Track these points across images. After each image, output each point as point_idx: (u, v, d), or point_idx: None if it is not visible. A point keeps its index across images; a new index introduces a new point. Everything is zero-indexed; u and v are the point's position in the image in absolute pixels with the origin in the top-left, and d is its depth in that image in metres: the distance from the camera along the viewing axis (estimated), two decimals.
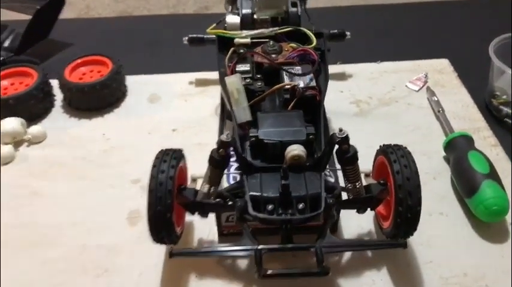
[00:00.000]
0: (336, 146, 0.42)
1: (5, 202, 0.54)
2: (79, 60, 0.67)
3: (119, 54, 0.71)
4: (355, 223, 0.50)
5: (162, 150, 0.45)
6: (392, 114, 0.63)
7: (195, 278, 0.46)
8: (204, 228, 0.50)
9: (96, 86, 0.63)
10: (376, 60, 0.72)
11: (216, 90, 0.66)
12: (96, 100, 0.65)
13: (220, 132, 0.57)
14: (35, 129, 0.62)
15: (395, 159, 0.43)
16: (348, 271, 0.46)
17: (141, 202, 0.52)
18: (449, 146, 0.55)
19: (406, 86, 0.67)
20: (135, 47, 0.80)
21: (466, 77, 0.69)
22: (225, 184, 0.47)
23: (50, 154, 0.60)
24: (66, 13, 1.00)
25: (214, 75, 0.61)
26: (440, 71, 0.70)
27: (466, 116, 0.62)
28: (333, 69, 0.66)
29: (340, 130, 0.41)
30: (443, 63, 0.71)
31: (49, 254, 0.49)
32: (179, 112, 0.65)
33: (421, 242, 0.48)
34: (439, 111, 0.62)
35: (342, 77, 0.70)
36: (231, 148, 0.43)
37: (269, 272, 0.39)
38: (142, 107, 0.66)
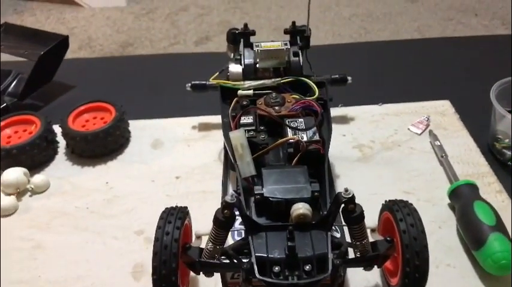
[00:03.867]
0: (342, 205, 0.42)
1: (8, 255, 0.54)
2: (82, 107, 0.68)
3: (121, 97, 0.72)
4: (362, 277, 0.50)
5: (166, 209, 0.45)
6: (396, 159, 0.63)
7: None
8: (209, 283, 0.49)
9: (99, 134, 0.63)
10: (378, 102, 0.72)
11: (219, 134, 0.66)
12: (100, 148, 0.65)
13: (225, 183, 0.57)
14: (38, 178, 0.61)
15: (401, 217, 0.43)
16: None
17: (145, 254, 0.52)
18: (454, 195, 0.55)
19: (409, 129, 0.68)
20: (137, 89, 0.81)
21: (468, 119, 0.69)
22: (230, 240, 0.47)
23: (53, 204, 0.60)
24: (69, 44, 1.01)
25: (217, 119, 0.61)
26: (442, 113, 0.70)
27: (470, 160, 0.63)
28: (334, 112, 0.68)
29: (346, 190, 0.41)
30: (445, 105, 0.72)
31: None
32: (182, 158, 0.65)
33: None
34: (442, 157, 0.62)
35: (344, 120, 0.70)
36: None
37: None
38: (146, 154, 0.67)
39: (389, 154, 0.64)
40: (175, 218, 0.43)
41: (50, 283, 0.51)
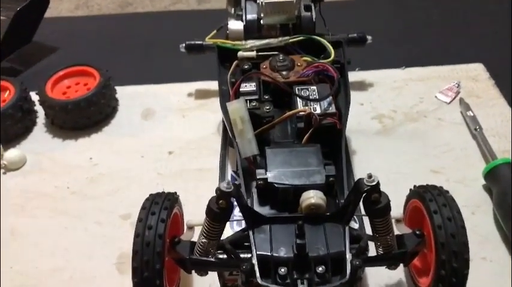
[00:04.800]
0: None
1: None
2: (62, 72, 0.61)
3: (109, 60, 0.66)
4: (383, 272, 0.43)
5: (150, 196, 0.38)
6: (421, 132, 0.57)
7: None
8: (205, 279, 0.43)
9: (81, 103, 0.57)
10: (400, 66, 0.66)
11: (218, 103, 0.59)
12: (83, 118, 0.59)
13: (223, 162, 0.49)
14: (12, 153, 0.56)
15: (435, 209, 0.36)
16: None
17: (131, 242, 0.46)
18: (490, 175, 0.49)
19: (436, 97, 0.61)
20: (128, 51, 0.74)
21: (504, 85, 0.63)
22: (228, 231, 0.40)
23: (29, 183, 0.54)
24: (65, 4, 0.92)
25: (216, 85, 0.54)
26: (474, 78, 0.64)
27: (508, 133, 0.57)
28: (351, 77, 0.61)
29: (370, 177, 0.34)
30: (478, 69, 0.65)
31: None
32: (176, 130, 0.60)
33: None
34: (475, 129, 0.55)
35: (361, 86, 0.64)
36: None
37: None
38: (135, 125, 0.61)
39: (413, 125, 0.58)
40: (160, 207, 0.37)
41: (21, 275, 0.46)
